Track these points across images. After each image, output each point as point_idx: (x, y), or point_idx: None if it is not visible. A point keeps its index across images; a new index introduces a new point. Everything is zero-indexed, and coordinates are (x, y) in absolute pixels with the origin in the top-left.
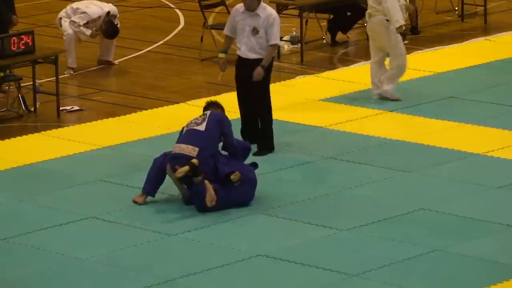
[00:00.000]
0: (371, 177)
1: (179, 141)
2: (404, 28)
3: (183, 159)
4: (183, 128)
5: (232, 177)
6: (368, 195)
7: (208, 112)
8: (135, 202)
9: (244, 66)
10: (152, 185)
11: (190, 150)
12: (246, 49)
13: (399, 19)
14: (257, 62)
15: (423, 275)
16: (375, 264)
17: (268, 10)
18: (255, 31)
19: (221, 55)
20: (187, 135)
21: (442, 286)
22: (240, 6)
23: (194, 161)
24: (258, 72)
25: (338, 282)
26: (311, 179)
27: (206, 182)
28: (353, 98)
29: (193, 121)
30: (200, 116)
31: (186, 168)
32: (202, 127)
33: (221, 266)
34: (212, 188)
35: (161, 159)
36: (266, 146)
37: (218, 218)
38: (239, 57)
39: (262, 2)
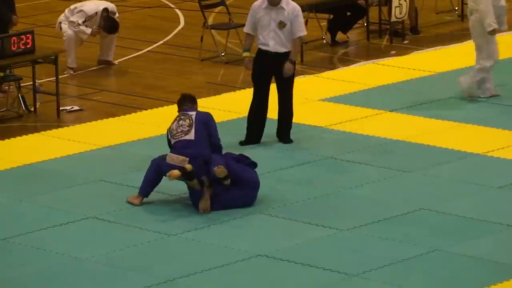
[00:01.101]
0: (371, 177)
1: (171, 151)
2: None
3: (176, 168)
4: (168, 136)
5: (215, 169)
6: (368, 195)
7: (194, 114)
8: (130, 203)
9: (272, 61)
10: (148, 187)
11: (180, 161)
12: (275, 43)
13: (491, 22)
14: (286, 55)
15: (423, 275)
16: (375, 264)
17: (291, 4)
18: (282, 24)
19: (245, 53)
20: (178, 146)
21: (442, 286)
22: (260, 2)
23: (187, 166)
24: (289, 67)
25: (338, 282)
26: (311, 179)
27: (206, 188)
28: (353, 98)
29: (180, 130)
30: (183, 120)
31: (178, 173)
32: (191, 135)
33: (221, 266)
34: (208, 196)
35: (158, 161)
36: (289, 135)
37: (218, 218)
38: (266, 52)
39: None
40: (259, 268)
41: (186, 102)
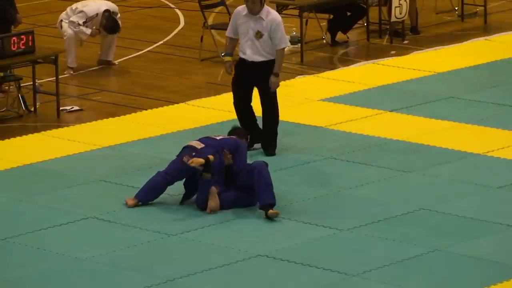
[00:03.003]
0: (371, 177)
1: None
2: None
3: (189, 149)
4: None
5: (269, 213)
6: (368, 195)
7: (235, 137)
8: (125, 202)
9: (250, 69)
10: (149, 195)
11: (196, 143)
12: (252, 52)
13: None
14: (263, 64)
15: (423, 275)
16: (375, 264)
17: (271, 14)
18: (259, 34)
19: (227, 58)
20: (203, 137)
21: (442, 286)
22: (242, 9)
23: (211, 157)
24: (275, 81)
25: (338, 282)
26: (311, 179)
27: (213, 188)
28: (353, 98)
29: (217, 134)
30: (226, 136)
31: (202, 160)
32: (218, 137)
33: (221, 266)
34: (217, 197)
35: (164, 172)
36: (274, 145)
37: (218, 218)
38: (243, 61)
39: (265, 6)
40: (259, 268)
41: (235, 133)
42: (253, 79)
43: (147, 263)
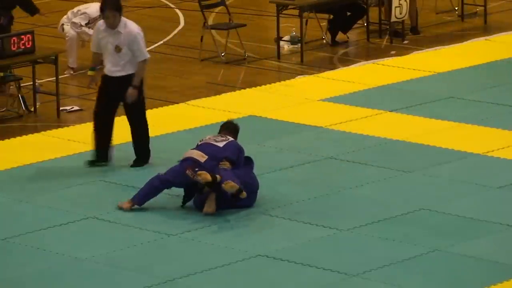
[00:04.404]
0: (371, 177)
1: (194, 148)
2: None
3: (190, 161)
4: (198, 143)
5: (224, 186)
6: (368, 195)
7: (231, 139)
8: (120, 208)
9: (110, 84)
10: (146, 198)
11: (199, 155)
12: (111, 66)
13: None
14: (123, 79)
15: (423, 275)
16: (375, 264)
17: (129, 27)
18: (118, 48)
19: (90, 72)
20: (203, 146)
21: (442, 286)
22: (101, 23)
23: (219, 177)
24: (131, 93)
25: (338, 282)
26: (311, 179)
27: (212, 193)
28: (353, 98)
29: (213, 138)
30: (220, 136)
31: (209, 178)
32: (220, 144)
33: (221, 266)
34: (214, 202)
35: (165, 179)
36: (144, 158)
37: (218, 218)
38: (106, 75)
39: (123, 18)
40: (259, 268)
41: (226, 129)
42: (115, 94)
43: (147, 263)
